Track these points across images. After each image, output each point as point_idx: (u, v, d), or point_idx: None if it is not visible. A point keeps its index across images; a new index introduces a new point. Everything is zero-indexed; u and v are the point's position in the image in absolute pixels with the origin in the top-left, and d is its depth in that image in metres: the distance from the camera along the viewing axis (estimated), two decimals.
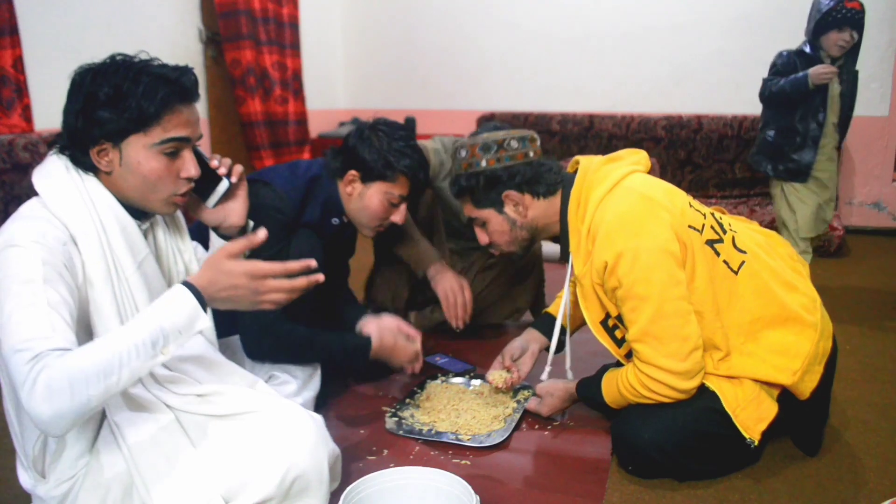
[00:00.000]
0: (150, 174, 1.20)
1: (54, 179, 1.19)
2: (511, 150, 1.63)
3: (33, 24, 2.91)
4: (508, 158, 1.62)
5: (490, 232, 1.70)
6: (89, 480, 1.20)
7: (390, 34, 5.15)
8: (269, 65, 4.24)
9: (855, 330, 2.47)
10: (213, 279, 1.12)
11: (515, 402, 1.88)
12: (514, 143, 1.63)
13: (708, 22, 4.26)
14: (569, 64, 4.65)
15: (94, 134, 1.17)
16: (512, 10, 4.72)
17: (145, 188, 1.21)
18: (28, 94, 2.85)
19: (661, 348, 1.44)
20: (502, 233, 1.69)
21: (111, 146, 1.19)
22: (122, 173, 1.20)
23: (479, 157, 1.63)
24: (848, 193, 4.18)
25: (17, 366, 0.98)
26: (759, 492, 1.49)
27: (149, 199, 1.23)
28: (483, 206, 1.66)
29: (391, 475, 1.30)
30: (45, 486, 1.22)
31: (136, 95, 1.15)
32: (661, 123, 4.32)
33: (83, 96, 1.17)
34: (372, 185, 1.81)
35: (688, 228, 1.49)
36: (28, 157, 2.70)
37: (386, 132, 1.81)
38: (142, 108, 1.16)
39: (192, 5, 3.89)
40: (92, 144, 1.18)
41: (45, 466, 1.22)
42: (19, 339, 1.00)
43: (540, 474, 1.57)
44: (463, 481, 1.25)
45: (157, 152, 1.20)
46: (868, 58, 3.96)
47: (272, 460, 1.18)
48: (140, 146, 1.19)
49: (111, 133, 1.18)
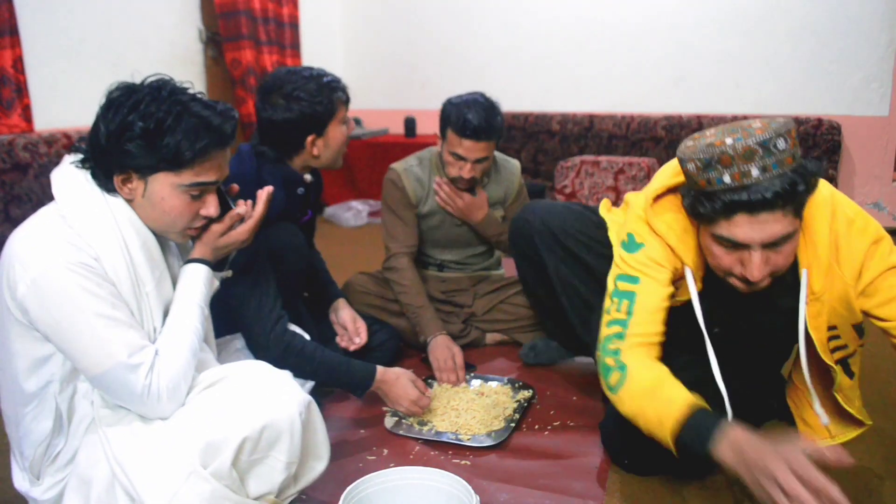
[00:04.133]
0: (171, 210, 1.21)
1: (79, 195, 1.18)
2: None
3: (33, 24, 2.91)
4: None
5: (784, 252, 1.26)
6: (73, 478, 1.20)
7: (390, 34, 5.15)
8: (269, 65, 4.24)
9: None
10: (205, 253, 1.33)
11: (516, 403, 1.88)
12: None
13: (708, 22, 4.26)
14: (569, 64, 4.65)
15: (123, 162, 1.16)
16: (512, 10, 4.72)
17: (163, 221, 1.23)
18: (28, 94, 2.85)
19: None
20: (794, 251, 1.29)
21: (137, 177, 1.18)
22: (142, 203, 1.20)
23: (798, 147, 1.21)
24: (848, 193, 4.16)
25: (132, 382, 1.13)
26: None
27: (165, 231, 1.26)
28: (800, 214, 1.24)
29: (391, 475, 1.30)
30: (40, 488, 1.22)
31: (176, 137, 1.14)
32: (661, 123, 4.32)
33: (119, 121, 1.14)
34: (328, 127, 1.80)
35: None
36: (28, 157, 2.70)
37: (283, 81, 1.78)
38: (179, 150, 1.15)
39: (192, 5, 3.89)
40: (118, 171, 1.17)
41: (41, 469, 1.22)
42: (123, 357, 1.12)
43: (540, 474, 1.57)
44: (463, 481, 1.25)
45: (183, 192, 1.20)
46: (868, 58, 3.97)
47: (240, 413, 1.17)
48: (167, 183, 1.18)
49: (140, 166, 1.17)
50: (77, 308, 1.10)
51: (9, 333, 1.16)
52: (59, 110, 3.07)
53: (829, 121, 3.96)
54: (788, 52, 4.12)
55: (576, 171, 4.07)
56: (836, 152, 3.98)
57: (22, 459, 1.23)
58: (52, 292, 1.09)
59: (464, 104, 2.07)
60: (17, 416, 1.21)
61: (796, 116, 4.04)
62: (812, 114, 4.05)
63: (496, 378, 2.03)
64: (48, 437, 1.20)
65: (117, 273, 1.16)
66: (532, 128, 4.62)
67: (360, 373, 1.68)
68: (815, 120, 3.98)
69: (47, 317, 1.10)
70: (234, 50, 3.99)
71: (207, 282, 1.31)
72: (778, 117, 1.24)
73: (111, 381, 1.13)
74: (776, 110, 4.13)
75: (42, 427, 1.19)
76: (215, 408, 1.18)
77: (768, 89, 4.20)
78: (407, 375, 1.74)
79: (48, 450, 1.21)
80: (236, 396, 1.19)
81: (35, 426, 1.19)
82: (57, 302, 1.09)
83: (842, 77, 4.05)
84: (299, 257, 1.85)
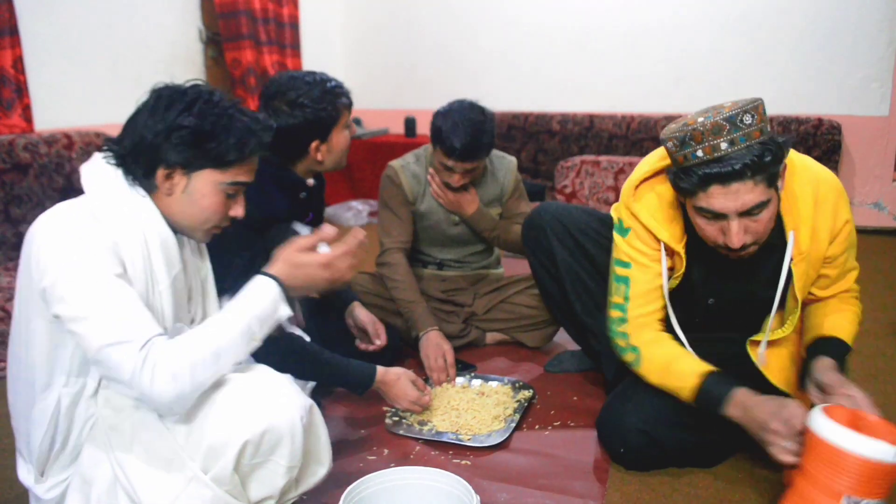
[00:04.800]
0: (208, 207, 1.25)
1: (108, 190, 1.20)
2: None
3: (33, 24, 2.91)
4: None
5: (762, 220, 1.36)
6: (76, 477, 1.20)
7: (390, 34, 5.15)
8: (269, 65, 4.24)
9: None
10: (291, 273, 1.25)
11: (516, 403, 1.88)
12: None
13: (708, 22, 4.26)
14: (569, 64, 4.65)
15: (170, 158, 1.20)
16: (512, 9, 4.72)
17: (197, 218, 1.26)
18: (28, 94, 2.86)
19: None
20: (772, 218, 1.39)
21: (182, 173, 1.22)
22: (180, 199, 1.23)
23: (766, 120, 1.31)
24: (848, 193, 4.14)
25: (124, 355, 1.08)
26: (759, 492, 1.49)
27: (195, 227, 1.27)
28: (773, 183, 1.34)
29: (391, 475, 1.30)
30: (44, 486, 1.23)
31: (228, 138, 1.21)
32: (662, 123, 4.31)
33: (173, 118, 1.18)
34: (332, 132, 1.82)
35: None
36: (28, 157, 2.70)
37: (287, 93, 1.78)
38: (229, 150, 1.22)
39: (192, 5, 3.89)
40: (163, 165, 1.20)
41: (46, 466, 1.22)
42: (120, 332, 1.09)
43: (540, 474, 1.57)
44: (463, 481, 1.25)
45: (222, 190, 1.25)
46: (868, 58, 3.97)
47: (241, 417, 1.16)
48: (209, 180, 1.23)
49: (188, 161, 1.21)
50: (92, 286, 1.11)
51: (29, 322, 1.17)
52: (59, 110, 3.07)
53: (829, 121, 3.96)
54: (788, 52, 4.12)
55: (576, 171, 4.07)
56: (836, 152, 3.98)
57: (28, 454, 1.23)
58: (73, 275, 1.11)
59: (451, 123, 2.05)
60: (26, 409, 1.21)
61: (796, 116, 4.04)
62: (812, 114, 4.05)
63: (496, 378, 2.03)
64: (53, 434, 1.20)
65: (134, 267, 1.17)
66: (532, 128, 4.62)
67: (361, 373, 1.68)
68: (815, 120, 3.98)
69: (65, 297, 1.10)
70: (235, 50, 3.99)
71: (271, 299, 1.22)
72: (752, 98, 1.33)
73: (108, 358, 1.09)
74: (776, 110, 4.13)
75: (48, 422, 1.19)
76: (216, 412, 1.18)
77: (768, 89, 4.19)
78: (407, 375, 1.75)
79: (52, 446, 1.21)
80: (237, 400, 1.19)
81: (42, 420, 1.19)
82: (76, 283, 1.11)
83: (842, 77, 4.05)
84: None
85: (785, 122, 4.03)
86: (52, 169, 2.80)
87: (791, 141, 1.37)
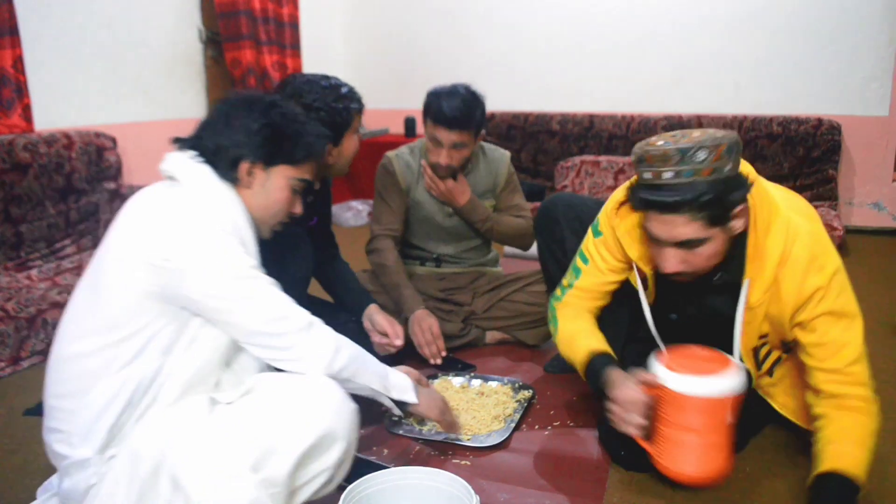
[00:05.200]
0: (278, 201, 1.39)
1: (207, 183, 1.31)
2: (740, 152, 1.32)
3: (33, 24, 2.91)
4: (739, 164, 1.32)
5: (702, 255, 1.35)
6: (125, 450, 1.22)
7: (390, 34, 5.14)
8: (269, 65, 4.24)
9: None
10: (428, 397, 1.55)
11: (516, 403, 1.88)
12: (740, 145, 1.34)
13: (708, 22, 4.26)
14: (569, 64, 4.65)
15: (259, 153, 1.33)
16: (512, 10, 4.72)
17: (269, 211, 1.39)
18: (28, 94, 2.85)
19: (869, 367, 1.41)
20: (718, 254, 1.37)
21: (263, 167, 1.35)
22: (257, 192, 1.36)
23: (724, 160, 1.27)
24: (848, 193, 4.18)
25: (291, 325, 1.29)
26: (759, 492, 1.49)
27: (265, 220, 1.40)
28: (716, 223, 1.32)
29: (391, 475, 1.30)
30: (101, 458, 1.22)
31: (302, 138, 1.38)
32: (662, 123, 4.32)
33: (260, 117, 1.34)
34: (343, 137, 1.85)
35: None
36: (28, 157, 2.70)
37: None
38: (302, 149, 1.38)
39: (192, 5, 3.89)
40: (250, 159, 1.33)
41: (106, 441, 1.22)
42: (278, 307, 1.28)
43: (540, 474, 1.57)
44: (463, 481, 1.25)
45: (291, 186, 1.39)
46: (868, 58, 3.97)
47: (301, 422, 1.22)
48: (283, 175, 1.38)
49: (269, 157, 1.35)
50: (238, 271, 1.24)
51: (122, 298, 1.22)
52: (59, 110, 3.07)
53: (829, 121, 3.96)
54: (788, 52, 4.12)
55: (576, 171, 4.07)
56: (836, 152, 3.98)
57: (85, 433, 1.22)
58: (218, 264, 1.22)
59: (443, 93, 2.12)
60: (89, 383, 1.21)
61: (796, 116, 4.04)
62: (812, 114, 4.05)
63: (496, 378, 2.03)
64: (123, 409, 1.22)
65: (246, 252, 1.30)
66: (532, 128, 4.61)
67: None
68: (815, 120, 3.98)
69: (207, 282, 1.21)
70: (234, 50, 3.99)
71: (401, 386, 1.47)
72: (727, 134, 1.30)
73: (273, 329, 1.27)
74: (776, 110, 4.13)
75: (128, 397, 1.22)
76: (276, 412, 1.22)
77: (768, 89, 4.20)
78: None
79: (119, 421, 1.22)
80: (293, 403, 1.24)
81: (116, 395, 1.21)
82: (219, 266, 1.22)
83: (842, 77, 4.05)
84: (304, 264, 1.86)
85: (785, 122, 4.04)
86: (52, 169, 2.80)
87: (747, 189, 1.33)
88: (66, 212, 2.90)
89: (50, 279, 2.56)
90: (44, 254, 2.79)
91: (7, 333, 2.19)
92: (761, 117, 4.10)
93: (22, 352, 2.23)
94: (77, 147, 2.91)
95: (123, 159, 3.20)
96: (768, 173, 4.10)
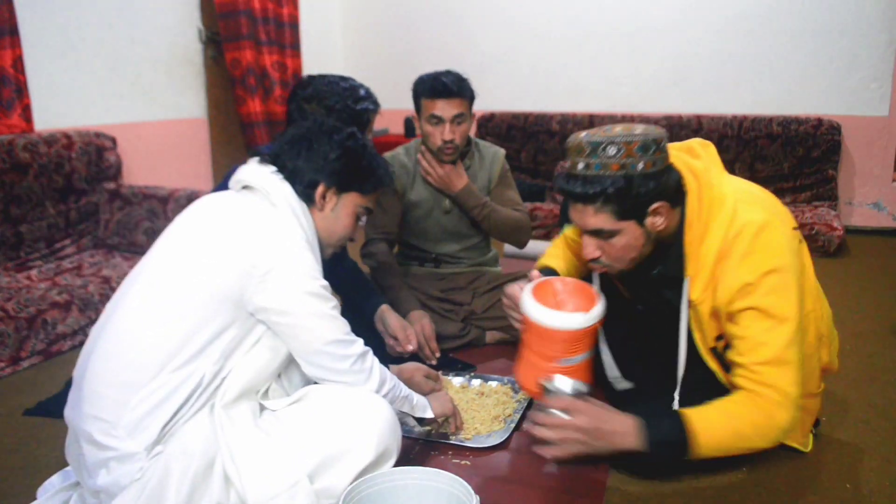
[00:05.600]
0: (345, 227, 1.48)
1: (293, 201, 1.38)
2: (664, 152, 1.35)
3: (33, 24, 2.91)
4: (661, 161, 1.34)
5: (615, 246, 1.41)
6: (177, 446, 1.22)
7: (390, 34, 5.14)
8: (269, 65, 4.24)
9: (855, 330, 2.47)
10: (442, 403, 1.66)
11: (516, 403, 1.88)
12: (666, 146, 1.36)
13: (708, 22, 4.26)
14: (569, 64, 4.65)
15: (335, 178, 1.42)
16: (512, 9, 4.72)
17: (334, 235, 1.47)
18: (28, 94, 2.85)
19: (790, 375, 1.33)
20: (633, 248, 1.42)
21: (336, 192, 1.44)
22: (327, 215, 1.44)
23: (636, 157, 1.31)
24: (848, 193, 4.18)
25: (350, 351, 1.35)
26: (759, 492, 1.49)
27: (330, 243, 1.48)
28: (627, 217, 1.37)
29: (391, 475, 1.30)
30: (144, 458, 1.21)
31: (374, 169, 1.48)
32: (661, 123, 4.31)
33: (342, 149, 1.43)
34: None
35: (793, 231, 1.43)
36: (28, 157, 2.70)
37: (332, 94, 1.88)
38: (379, 181, 1.49)
39: (192, 5, 3.89)
40: (326, 184, 1.41)
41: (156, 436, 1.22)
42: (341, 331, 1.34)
43: (540, 474, 1.57)
44: (463, 481, 1.25)
45: (356, 213, 1.48)
46: (868, 58, 3.97)
47: (363, 438, 1.29)
48: (352, 203, 1.47)
49: (347, 184, 1.44)
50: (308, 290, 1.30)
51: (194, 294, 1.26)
52: (59, 110, 3.07)
53: (829, 121, 3.96)
54: (788, 52, 4.12)
55: None
56: (836, 152, 3.98)
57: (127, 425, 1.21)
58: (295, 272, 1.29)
59: (432, 73, 2.22)
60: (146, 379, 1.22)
61: (796, 116, 4.04)
62: (812, 114, 4.05)
63: (496, 378, 2.03)
64: (180, 406, 1.23)
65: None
66: (532, 128, 4.61)
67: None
68: (815, 120, 3.98)
69: (284, 293, 1.28)
70: (234, 50, 3.99)
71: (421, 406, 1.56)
72: (648, 132, 1.33)
73: (326, 356, 1.32)
74: (776, 110, 4.13)
75: (187, 394, 1.23)
76: (332, 427, 1.29)
77: (768, 89, 4.20)
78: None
79: (174, 417, 1.23)
80: (357, 420, 1.31)
81: (174, 392, 1.22)
82: (298, 279, 1.29)
83: (842, 77, 4.05)
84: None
85: (785, 122, 4.04)
86: (51, 169, 2.80)
87: (666, 187, 1.34)
88: (66, 212, 2.90)
89: (50, 279, 2.56)
90: (44, 254, 2.79)
91: (7, 333, 2.19)
92: (761, 117, 4.10)
93: (22, 352, 2.23)
94: (77, 147, 2.91)
95: (123, 159, 3.21)
96: (768, 173, 4.11)
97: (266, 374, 1.35)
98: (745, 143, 4.14)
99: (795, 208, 3.87)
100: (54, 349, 2.33)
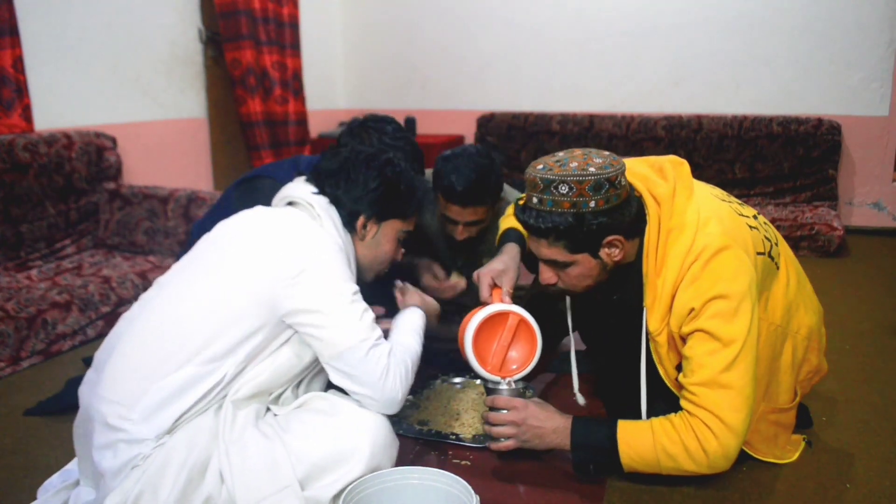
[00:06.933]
0: (387, 252, 1.53)
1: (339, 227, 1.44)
2: (619, 188, 1.35)
3: (33, 24, 2.91)
4: (616, 198, 1.35)
5: (570, 275, 1.44)
6: (184, 435, 1.25)
7: (390, 34, 5.14)
8: (269, 65, 4.24)
9: (855, 330, 2.47)
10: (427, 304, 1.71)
11: None
12: (623, 181, 1.36)
13: (708, 22, 4.26)
14: (569, 64, 4.65)
15: (375, 208, 1.46)
16: (512, 10, 4.72)
17: (377, 260, 1.52)
18: (28, 94, 2.85)
19: (729, 399, 1.32)
20: (586, 277, 1.44)
21: (375, 220, 1.48)
22: (369, 244, 1.50)
23: (587, 196, 1.32)
24: (848, 193, 4.18)
25: (376, 356, 1.33)
26: (758, 492, 1.49)
27: (371, 269, 1.53)
28: (579, 250, 1.39)
29: (391, 475, 1.30)
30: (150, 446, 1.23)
31: (413, 195, 1.52)
32: (661, 123, 4.32)
33: (380, 178, 1.47)
34: None
35: (757, 257, 1.43)
36: (28, 157, 2.70)
37: (375, 128, 1.88)
38: (413, 205, 1.52)
39: (192, 5, 3.89)
40: (366, 215, 1.46)
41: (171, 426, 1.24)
42: (369, 334, 1.33)
43: (540, 474, 1.57)
44: (463, 481, 1.25)
45: (397, 238, 1.53)
46: (868, 58, 3.97)
47: (356, 454, 1.30)
48: (394, 228, 1.52)
49: (387, 212, 1.48)
50: (338, 292, 1.32)
51: (227, 295, 1.30)
52: (59, 110, 3.07)
53: (829, 121, 3.96)
54: (788, 52, 4.12)
55: None
56: (836, 152, 3.98)
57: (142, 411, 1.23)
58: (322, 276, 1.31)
59: (452, 165, 1.88)
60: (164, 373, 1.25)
61: (796, 116, 4.04)
62: (812, 114, 4.05)
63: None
64: (196, 402, 1.26)
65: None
66: (532, 128, 4.61)
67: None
68: (815, 120, 3.98)
69: (314, 291, 1.30)
70: (235, 50, 3.99)
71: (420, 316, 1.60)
72: (602, 170, 1.32)
73: (352, 359, 1.31)
74: (776, 110, 4.13)
75: (205, 391, 1.26)
76: (332, 438, 1.30)
77: (768, 89, 4.20)
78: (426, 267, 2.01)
79: (188, 411, 1.25)
80: (353, 435, 1.31)
81: (194, 388, 1.25)
82: (327, 278, 1.32)
83: (842, 77, 4.05)
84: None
85: (785, 122, 4.04)
86: (51, 169, 2.80)
87: (619, 222, 1.36)
88: (66, 212, 2.90)
89: (50, 279, 2.55)
90: (44, 254, 2.79)
91: (7, 333, 2.19)
92: (761, 117, 4.10)
93: (22, 352, 2.23)
94: (77, 147, 2.91)
95: (123, 159, 3.20)
96: (768, 173, 4.11)
97: (284, 378, 1.37)
98: (745, 143, 4.14)
99: (795, 208, 3.87)
100: (54, 349, 2.33)
